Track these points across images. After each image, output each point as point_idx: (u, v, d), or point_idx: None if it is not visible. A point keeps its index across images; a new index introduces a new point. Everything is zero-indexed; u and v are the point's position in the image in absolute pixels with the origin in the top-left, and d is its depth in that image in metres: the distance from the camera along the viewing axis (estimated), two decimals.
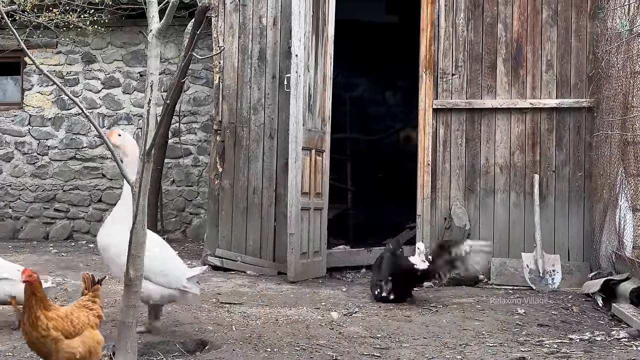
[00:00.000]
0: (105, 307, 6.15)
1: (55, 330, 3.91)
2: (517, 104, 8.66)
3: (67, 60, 11.68)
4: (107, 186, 11.59)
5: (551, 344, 5.60)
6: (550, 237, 8.48)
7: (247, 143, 8.86)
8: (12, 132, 11.78)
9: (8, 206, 11.80)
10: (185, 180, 11.44)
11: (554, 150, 8.64)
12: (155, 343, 5.27)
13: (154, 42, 4.52)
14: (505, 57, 8.72)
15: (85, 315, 4.11)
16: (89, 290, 4.29)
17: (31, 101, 11.77)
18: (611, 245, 7.73)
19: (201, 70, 11.35)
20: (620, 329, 6.10)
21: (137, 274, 4.47)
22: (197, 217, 11.39)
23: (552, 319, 6.53)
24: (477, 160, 8.75)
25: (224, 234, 8.82)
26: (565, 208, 8.59)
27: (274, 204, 8.74)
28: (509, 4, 8.73)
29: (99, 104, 11.59)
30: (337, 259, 9.02)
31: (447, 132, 8.79)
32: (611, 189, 7.78)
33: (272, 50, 8.82)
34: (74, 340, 3.98)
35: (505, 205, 8.67)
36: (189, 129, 11.41)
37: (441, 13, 8.80)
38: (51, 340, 3.90)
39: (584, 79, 8.57)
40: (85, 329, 4.05)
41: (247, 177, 8.84)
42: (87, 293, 4.28)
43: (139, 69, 11.45)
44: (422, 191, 8.77)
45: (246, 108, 8.88)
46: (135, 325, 4.53)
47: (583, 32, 8.61)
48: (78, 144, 11.67)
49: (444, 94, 8.78)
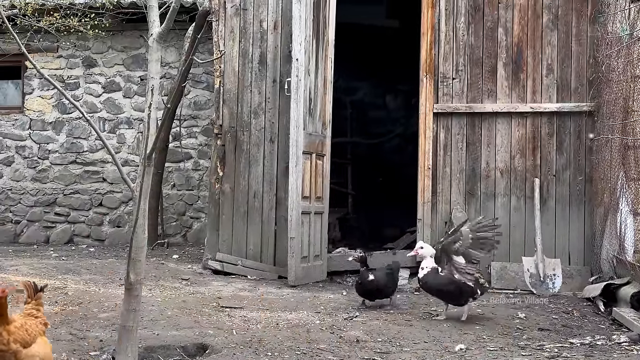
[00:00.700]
0: (106, 311, 6.17)
1: (14, 343, 3.89)
2: (517, 108, 8.65)
3: (68, 64, 11.69)
4: (108, 190, 11.59)
5: (552, 348, 5.59)
6: (551, 241, 8.48)
7: (247, 147, 8.86)
8: (13, 136, 11.78)
9: (9, 210, 11.80)
10: (185, 184, 11.43)
11: (555, 154, 8.64)
12: (156, 347, 5.27)
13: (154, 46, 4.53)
14: (506, 61, 8.72)
15: (35, 324, 4.07)
16: (31, 298, 4.23)
17: (32, 105, 11.77)
18: (612, 249, 7.72)
19: (202, 74, 11.35)
20: (621, 333, 6.10)
21: (138, 277, 4.47)
22: (198, 221, 11.38)
23: (553, 323, 6.53)
24: (477, 164, 8.75)
25: (224, 238, 8.81)
26: (566, 212, 8.58)
27: (275, 208, 8.74)
28: (509, 8, 8.73)
29: (100, 108, 11.59)
30: (337, 263, 9.01)
31: (448, 136, 8.79)
32: (612, 193, 7.78)
33: (272, 55, 8.83)
34: (31, 349, 3.96)
35: (506, 209, 8.67)
36: (190, 133, 11.41)
37: (442, 17, 8.80)
38: (11, 354, 3.89)
39: (585, 83, 8.58)
40: (37, 337, 4.03)
41: (247, 181, 8.84)
42: (31, 301, 4.22)
43: (139, 73, 11.45)
44: (422, 195, 8.77)
45: (247, 112, 8.88)
46: (136, 329, 4.53)
47: (583, 36, 8.62)
48: (79, 148, 11.67)
49: (445, 98, 8.78)
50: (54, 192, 11.69)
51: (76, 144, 11.67)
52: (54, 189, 11.69)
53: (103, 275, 7.98)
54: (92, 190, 11.62)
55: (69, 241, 11.62)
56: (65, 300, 6.57)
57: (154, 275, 8.03)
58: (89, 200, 11.63)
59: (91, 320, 5.94)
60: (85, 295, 6.75)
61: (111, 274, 8.03)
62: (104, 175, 11.61)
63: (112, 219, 11.59)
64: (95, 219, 11.60)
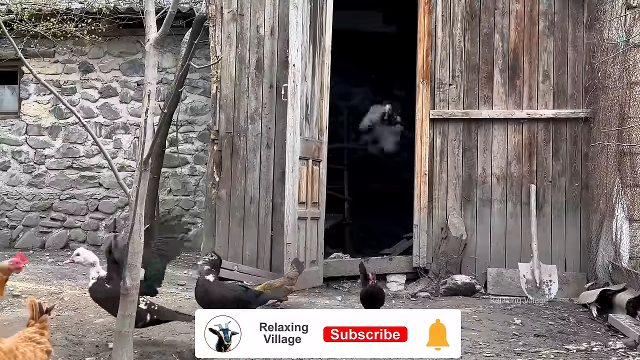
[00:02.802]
0: (102, 316, 6.15)
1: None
2: (513, 114, 8.67)
3: (65, 69, 11.68)
4: (104, 195, 11.56)
5: (548, 354, 5.59)
6: (547, 247, 8.49)
7: (244, 153, 8.86)
8: (9, 141, 11.76)
9: (4, 215, 11.76)
10: (182, 190, 11.42)
11: (551, 160, 8.66)
12: (152, 353, 5.25)
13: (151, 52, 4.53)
14: (502, 68, 8.74)
15: (31, 351, 3.50)
16: (35, 320, 3.69)
17: (28, 110, 11.75)
18: (608, 255, 7.73)
19: (198, 80, 11.34)
20: (617, 340, 6.10)
21: (134, 283, 4.46)
22: (194, 227, 11.37)
23: (549, 329, 6.53)
24: (474, 170, 8.76)
25: (220, 243, 8.80)
26: (562, 218, 8.59)
27: (271, 214, 8.73)
28: (505, 15, 8.76)
29: (96, 113, 11.57)
30: (334, 269, 9.01)
31: (444, 142, 8.80)
32: (608, 199, 7.79)
33: (269, 60, 8.84)
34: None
35: (502, 215, 8.67)
36: (186, 138, 11.40)
37: (438, 23, 8.82)
38: None
39: (581, 90, 8.60)
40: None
41: (244, 186, 8.83)
42: (34, 323, 3.68)
43: (136, 78, 11.44)
44: (419, 201, 8.77)
45: (243, 117, 8.88)
46: (131, 335, 4.52)
47: (580, 43, 8.64)
48: (75, 153, 11.65)
49: (441, 104, 8.79)
50: (50, 197, 11.66)
51: (72, 149, 11.65)
52: (50, 194, 11.66)
53: None
54: (89, 195, 11.60)
55: (65, 246, 11.59)
56: (61, 306, 6.56)
57: None
58: (85, 206, 11.61)
59: (87, 325, 5.93)
60: (81, 301, 6.74)
61: None
62: (100, 181, 11.59)
63: (109, 224, 11.57)
64: (92, 224, 11.57)
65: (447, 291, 8.20)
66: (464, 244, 8.56)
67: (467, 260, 8.63)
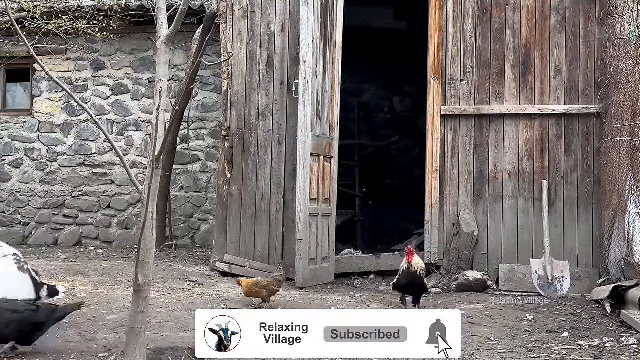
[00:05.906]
0: (114, 312, 6.18)
1: None
2: (525, 110, 8.64)
3: (76, 66, 11.73)
4: (116, 192, 11.62)
5: (560, 350, 5.58)
6: (559, 243, 8.46)
7: (255, 149, 8.86)
8: (22, 138, 11.82)
9: (17, 212, 11.84)
10: (193, 187, 11.45)
11: (563, 156, 8.63)
12: (164, 349, 5.27)
13: (162, 49, 4.54)
14: (514, 63, 8.71)
15: None
16: None
17: (40, 108, 11.81)
18: (620, 251, 7.70)
19: (210, 77, 11.37)
20: (629, 336, 6.08)
21: (146, 279, 4.48)
22: (206, 223, 11.40)
23: (561, 325, 6.51)
24: (485, 166, 8.74)
25: (232, 240, 8.82)
26: (574, 214, 8.57)
27: (282, 210, 8.74)
28: (517, 10, 8.72)
29: (108, 110, 11.62)
30: (345, 265, 9.01)
31: (456, 138, 8.78)
32: (620, 194, 7.76)
33: (280, 57, 8.84)
34: None
35: (514, 211, 8.65)
36: (198, 135, 11.43)
37: (449, 19, 8.80)
38: None
39: (593, 85, 8.56)
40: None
41: (255, 183, 8.84)
42: None
43: (147, 75, 11.47)
44: (430, 197, 8.76)
45: (254, 114, 8.89)
46: (144, 331, 4.54)
47: (592, 38, 8.60)
48: (87, 150, 11.70)
49: (452, 100, 8.77)
50: (63, 194, 11.72)
51: (84, 146, 11.70)
52: (63, 191, 11.72)
53: (111, 277, 7.99)
54: (101, 192, 11.65)
55: (77, 243, 11.65)
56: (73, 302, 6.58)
57: (162, 277, 8.04)
58: (97, 202, 11.66)
59: (100, 322, 5.95)
60: (93, 297, 6.76)
61: (119, 276, 8.04)
62: (112, 178, 11.64)
63: (121, 220, 11.62)
64: (104, 220, 11.63)
65: (458, 287, 8.18)
66: (475, 240, 8.54)
67: (479, 256, 8.61)
